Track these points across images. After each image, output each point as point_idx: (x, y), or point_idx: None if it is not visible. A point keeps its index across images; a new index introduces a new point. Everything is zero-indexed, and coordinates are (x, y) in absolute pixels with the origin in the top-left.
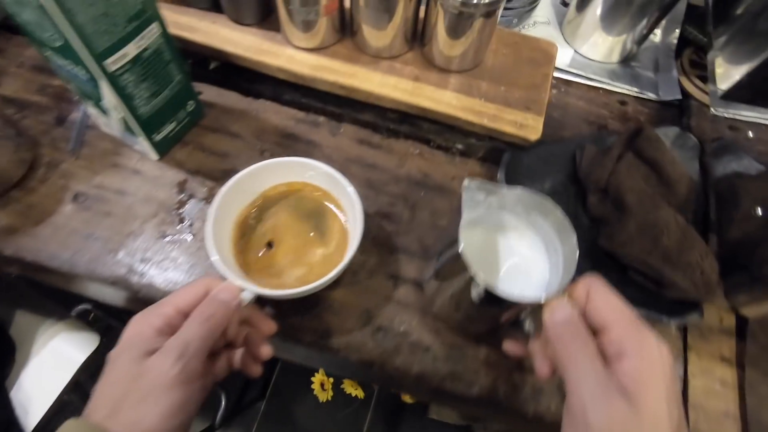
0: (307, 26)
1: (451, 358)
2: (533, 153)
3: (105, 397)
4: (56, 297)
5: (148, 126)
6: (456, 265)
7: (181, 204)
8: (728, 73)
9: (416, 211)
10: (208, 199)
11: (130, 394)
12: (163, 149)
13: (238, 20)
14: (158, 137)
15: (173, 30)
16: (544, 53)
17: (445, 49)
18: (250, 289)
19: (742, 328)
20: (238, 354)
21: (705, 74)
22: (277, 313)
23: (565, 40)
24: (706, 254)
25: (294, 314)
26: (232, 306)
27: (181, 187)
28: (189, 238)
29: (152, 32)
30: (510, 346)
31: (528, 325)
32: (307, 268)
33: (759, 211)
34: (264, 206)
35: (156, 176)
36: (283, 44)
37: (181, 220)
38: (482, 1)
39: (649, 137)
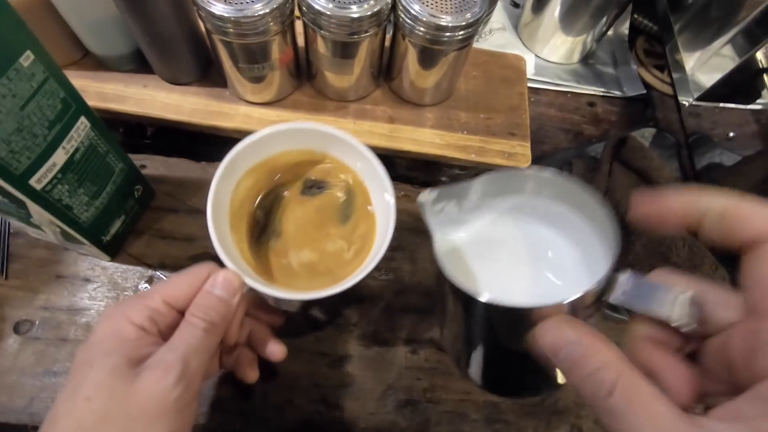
0: (260, 80)
1: (491, 420)
2: None
3: (76, 418)
4: None
5: (94, 230)
6: (457, 308)
7: None
8: (694, 67)
9: (417, 262)
10: None
11: (112, 421)
12: (115, 248)
13: (174, 80)
14: (108, 238)
15: (98, 103)
16: (514, 69)
17: (417, 82)
18: (256, 286)
19: None
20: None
21: (661, 63)
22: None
23: (524, 45)
24: (716, 265)
25: (308, 402)
26: (233, 304)
27: (149, 285)
28: None
29: (81, 128)
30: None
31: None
32: (318, 255)
33: None
34: (276, 175)
35: (114, 281)
36: (234, 101)
37: None
38: (455, 37)
39: (634, 147)
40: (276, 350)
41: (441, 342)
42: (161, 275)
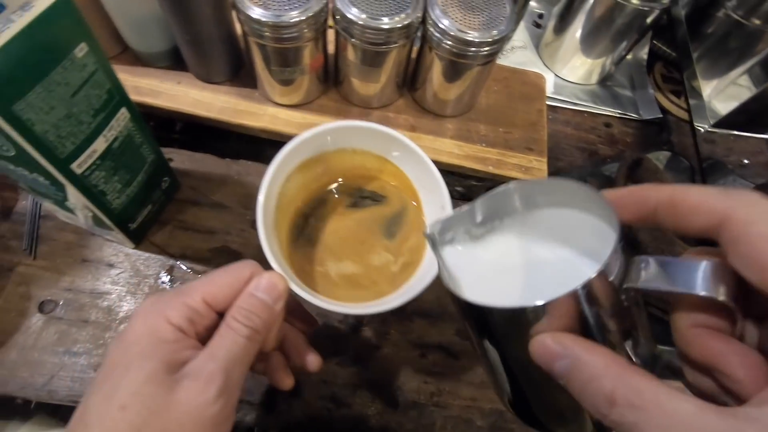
0: (289, 83)
1: (496, 428)
2: None
3: (109, 427)
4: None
5: (123, 217)
6: (473, 329)
7: None
8: (711, 94)
9: None
10: None
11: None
12: (140, 236)
13: (207, 78)
14: (134, 225)
15: (133, 96)
16: (534, 86)
17: (440, 93)
18: (302, 294)
19: None
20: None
21: (678, 89)
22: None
23: (544, 64)
24: None
25: (317, 399)
26: (277, 310)
27: (170, 275)
28: None
29: (121, 119)
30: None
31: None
32: (362, 268)
33: None
34: (327, 175)
35: (136, 267)
36: (262, 102)
37: None
38: (480, 52)
39: (649, 169)
40: (313, 360)
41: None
42: (182, 265)
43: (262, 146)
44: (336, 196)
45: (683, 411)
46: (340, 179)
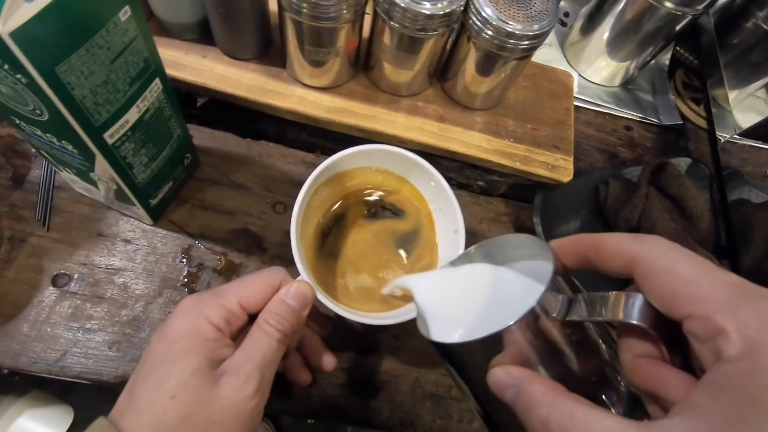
0: (320, 64)
1: None
2: (559, 191)
3: (159, 414)
4: None
5: (145, 192)
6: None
7: (192, 277)
8: (732, 104)
9: None
10: (222, 270)
11: (194, 421)
12: (158, 213)
13: (234, 54)
14: (155, 201)
15: None
16: (562, 85)
17: (472, 86)
18: (327, 303)
19: None
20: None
21: (698, 97)
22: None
23: (569, 63)
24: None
25: (334, 387)
26: (303, 317)
27: (187, 255)
28: None
29: (154, 90)
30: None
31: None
32: (378, 283)
33: None
34: (351, 190)
35: (153, 245)
36: (290, 82)
37: None
38: (519, 45)
39: (672, 174)
40: (328, 361)
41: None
42: (200, 245)
43: (284, 127)
44: (356, 205)
45: (607, 428)
46: (362, 194)
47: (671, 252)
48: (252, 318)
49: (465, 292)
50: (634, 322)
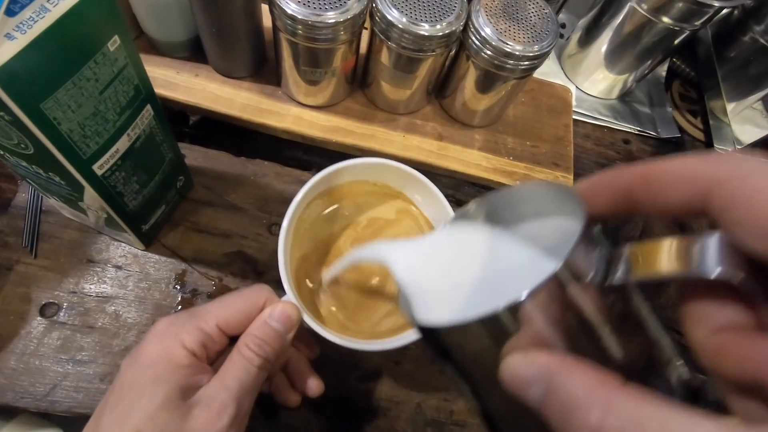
0: (316, 83)
1: None
2: None
3: None
4: None
5: (137, 218)
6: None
7: (187, 304)
8: (730, 116)
9: None
10: (217, 296)
11: None
12: (151, 237)
13: (227, 73)
14: (147, 227)
15: None
16: (561, 100)
17: (471, 103)
18: (315, 327)
19: None
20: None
21: (695, 108)
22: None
23: (566, 75)
24: None
25: (335, 416)
26: (288, 340)
27: (181, 280)
28: None
29: (145, 116)
30: None
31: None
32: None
33: None
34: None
35: (146, 271)
36: (285, 101)
37: None
38: (519, 66)
39: None
40: (314, 386)
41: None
42: (194, 270)
43: (279, 145)
44: (347, 216)
45: None
46: (354, 207)
47: (765, 165)
48: (234, 340)
49: (463, 261)
50: (713, 274)
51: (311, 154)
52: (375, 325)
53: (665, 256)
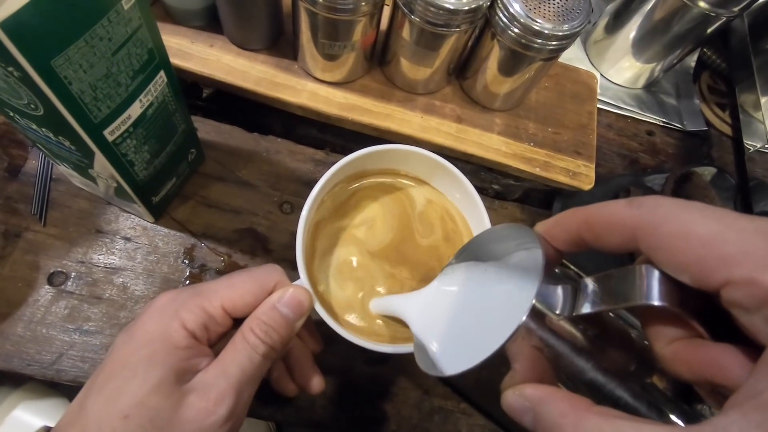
0: (334, 58)
1: None
2: (578, 198)
3: (112, 420)
4: None
5: (147, 190)
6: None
7: (195, 279)
8: (763, 111)
9: None
10: (226, 272)
11: None
12: (160, 210)
13: (243, 44)
14: (157, 199)
15: None
16: (586, 86)
17: (493, 86)
18: (327, 320)
19: None
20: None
21: (723, 102)
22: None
23: (590, 62)
24: None
25: (342, 401)
26: (296, 328)
27: (189, 255)
28: None
29: (158, 83)
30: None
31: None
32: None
33: None
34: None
35: (155, 244)
36: (302, 76)
37: None
38: (547, 46)
39: (698, 185)
40: (316, 384)
41: None
42: (203, 245)
43: (292, 122)
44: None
45: None
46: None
47: (677, 210)
48: (238, 322)
49: (455, 311)
50: (656, 303)
51: (325, 133)
52: (397, 330)
53: (619, 290)
